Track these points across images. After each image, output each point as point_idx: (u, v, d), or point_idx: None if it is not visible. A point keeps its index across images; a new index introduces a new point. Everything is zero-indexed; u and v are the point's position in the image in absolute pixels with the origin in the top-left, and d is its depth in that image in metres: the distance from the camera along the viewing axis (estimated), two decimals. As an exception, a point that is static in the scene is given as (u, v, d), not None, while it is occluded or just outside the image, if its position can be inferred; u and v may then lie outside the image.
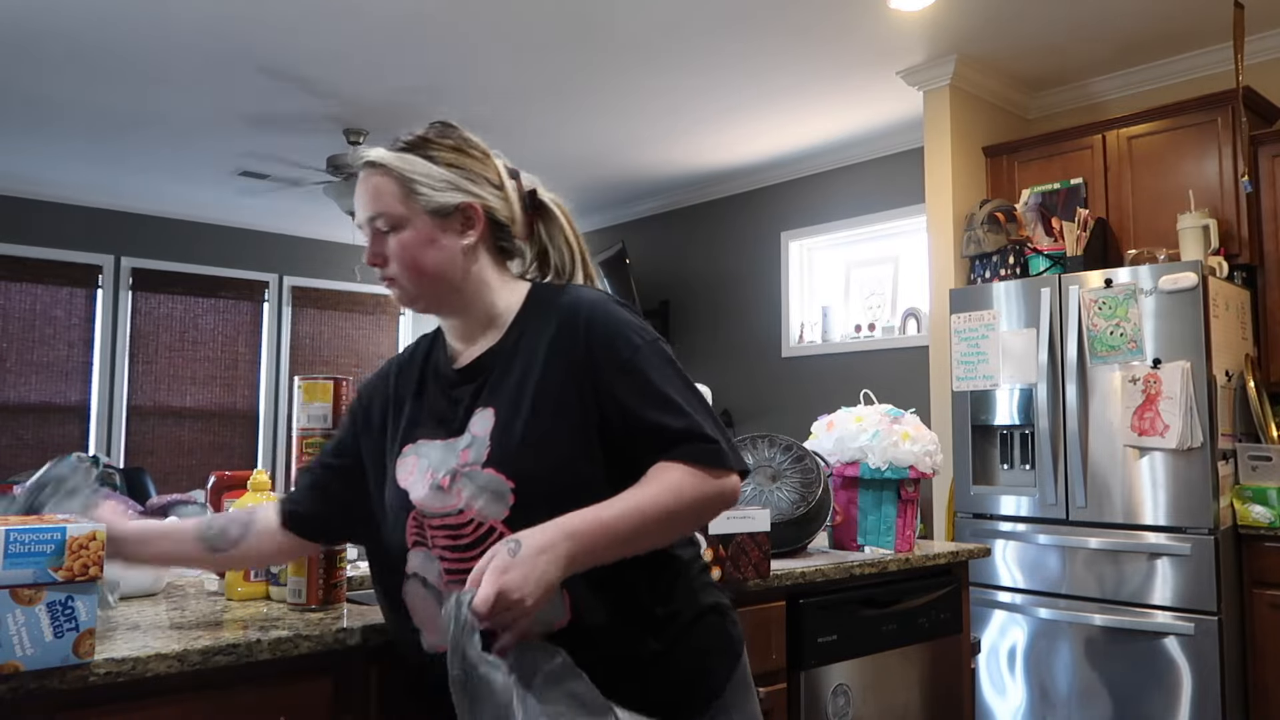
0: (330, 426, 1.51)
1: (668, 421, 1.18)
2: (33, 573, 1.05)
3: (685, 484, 1.16)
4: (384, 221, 1.25)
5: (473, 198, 1.26)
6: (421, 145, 1.27)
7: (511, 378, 1.22)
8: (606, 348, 1.20)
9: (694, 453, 1.17)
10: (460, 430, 1.22)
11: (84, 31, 3.80)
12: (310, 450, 1.50)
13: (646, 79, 4.29)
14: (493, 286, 1.29)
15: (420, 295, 1.28)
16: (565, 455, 1.17)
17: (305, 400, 1.52)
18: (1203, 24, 3.67)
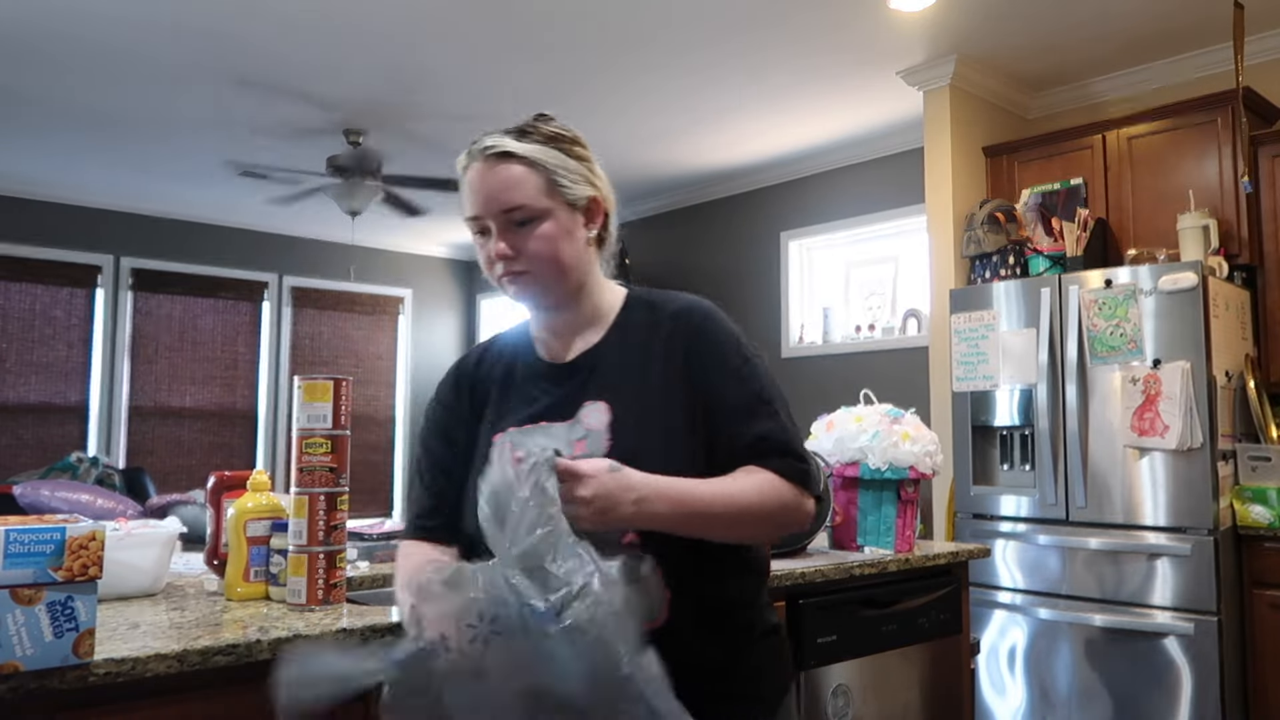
0: (330, 426, 1.50)
1: (769, 432, 1.22)
2: (33, 573, 1.05)
3: (776, 491, 1.20)
4: (523, 213, 1.23)
5: (598, 191, 1.29)
6: (558, 138, 1.28)
7: (623, 374, 1.26)
8: (719, 353, 1.26)
9: (786, 468, 1.22)
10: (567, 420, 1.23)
11: (84, 32, 3.80)
12: (310, 450, 1.49)
13: (646, 79, 4.29)
14: (599, 281, 1.33)
15: (551, 288, 1.27)
16: (678, 451, 1.21)
17: (305, 400, 1.51)
18: (1203, 24, 3.67)
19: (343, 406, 1.52)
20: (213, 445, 6.87)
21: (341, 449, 1.51)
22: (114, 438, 6.46)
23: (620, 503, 1.11)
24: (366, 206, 5.29)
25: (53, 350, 6.31)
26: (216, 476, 1.71)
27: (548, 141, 1.26)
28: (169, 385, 6.73)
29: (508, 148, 1.24)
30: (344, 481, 1.52)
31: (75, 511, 2.40)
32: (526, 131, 1.27)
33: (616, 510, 1.11)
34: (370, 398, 7.58)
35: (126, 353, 6.57)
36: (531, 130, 1.27)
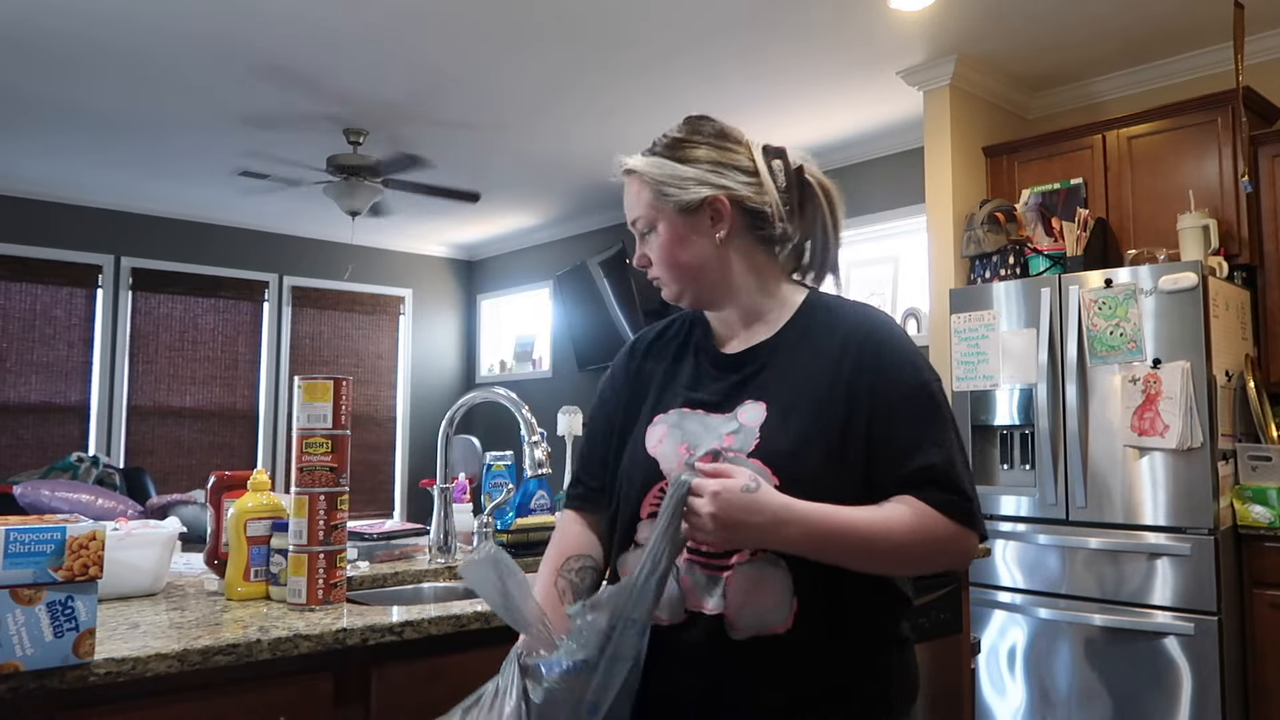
0: (330, 426, 1.50)
1: (935, 462, 1.16)
2: (33, 573, 1.05)
3: (930, 528, 1.14)
4: (641, 224, 1.29)
5: (718, 190, 1.25)
6: (670, 145, 1.29)
7: (787, 376, 1.22)
8: (896, 371, 1.20)
9: (948, 503, 1.15)
10: (723, 413, 1.21)
11: (84, 32, 3.80)
12: (311, 450, 1.49)
13: (647, 79, 4.29)
14: (752, 279, 1.28)
15: (684, 290, 1.29)
16: (830, 463, 1.16)
17: (306, 400, 1.51)
18: (1203, 24, 3.67)
19: (343, 406, 1.52)
20: (213, 445, 6.87)
21: (342, 449, 1.51)
22: (114, 438, 6.46)
23: (745, 523, 1.08)
24: (366, 207, 5.29)
25: (53, 350, 6.31)
26: (217, 476, 1.71)
27: (664, 150, 1.29)
28: (169, 385, 6.73)
29: (628, 164, 1.31)
30: (344, 481, 1.52)
31: (75, 511, 2.40)
32: (655, 143, 1.31)
33: (740, 530, 1.09)
34: (370, 398, 7.58)
35: (126, 353, 6.57)
36: (658, 141, 1.31)
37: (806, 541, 1.11)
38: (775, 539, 1.10)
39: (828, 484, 1.14)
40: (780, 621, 1.14)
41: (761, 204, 1.26)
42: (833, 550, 1.12)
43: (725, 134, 1.29)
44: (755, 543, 1.11)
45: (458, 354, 8.16)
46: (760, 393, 1.21)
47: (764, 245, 1.29)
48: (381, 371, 7.69)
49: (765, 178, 1.26)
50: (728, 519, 1.07)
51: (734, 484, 1.08)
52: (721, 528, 1.08)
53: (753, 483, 1.09)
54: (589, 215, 6.76)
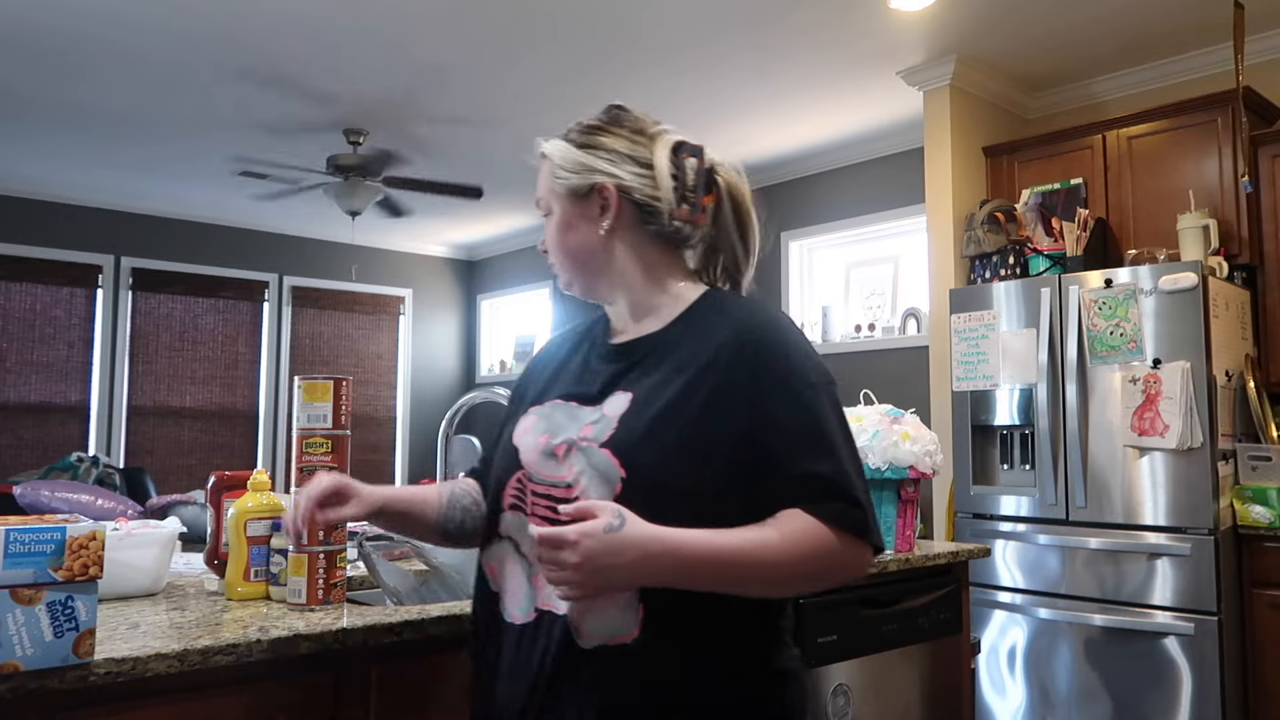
0: (331, 426, 1.50)
1: (822, 471, 1.08)
2: (33, 572, 1.05)
3: (818, 544, 1.06)
4: (541, 206, 1.29)
5: (607, 178, 1.22)
6: (578, 131, 1.27)
7: (660, 370, 1.17)
8: (780, 375, 1.12)
9: (838, 515, 1.07)
10: (593, 404, 1.18)
11: (84, 32, 3.80)
12: (310, 450, 1.49)
13: (646, 79, 4.29)
14: (638, 273, 1.25)
15: (571, 278, 1.29)
16: (685, 463, 1.09)
17: (306, 400, 1.51)
18: (1203, 24, 3.67)
19: (343, 406, 1.51)
20: (213, 445, 6.87)
21: (342, 449, 1.51)
22: (114, 438, 6.46)
23: (614, 566, 1.01)
24: (366, 206, 5.29)
25: (53, 350, 6.31)
26: (217, 476, 1.71)
27: (571, 136, 1.27)
28: (169, 385, 6.73)
29: (542, 148, 1.29)
30: None
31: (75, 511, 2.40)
32: (569, 129, 1.29)
33: (610, 574, 1.01)
34: (370, 398, 7.58)
35: (126, 353, 6.57)
36: (571, 128, 1.29)
37: (681, 571, 1.04)
38: (647, 574, 1.03)
39: (677, 479, 1.09)
40: (627, 630, 1.08)
41: (651, 197, 1.22)
42: (712, 579, 1.06)
43: (635, 125, 1.26)
44: (627, 583, 1.04)
45: (458, 354, 8.16)
46: (630, 385, 1.17)
47: (657, 240, 1.25)
48: (381, 371, 7.69)
49: (662, 173, 1.22)
50: (596, 565, 1.00)
51: (596, 525, 1.01)
52: (590, 575, 1.01)
53: (616, 519, 1.02)
54: (589, 215, 6.76)
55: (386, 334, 7.76)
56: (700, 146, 1.26)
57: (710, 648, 1.10)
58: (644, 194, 1.22)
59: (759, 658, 1.13)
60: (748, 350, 1.14)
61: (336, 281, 7.51)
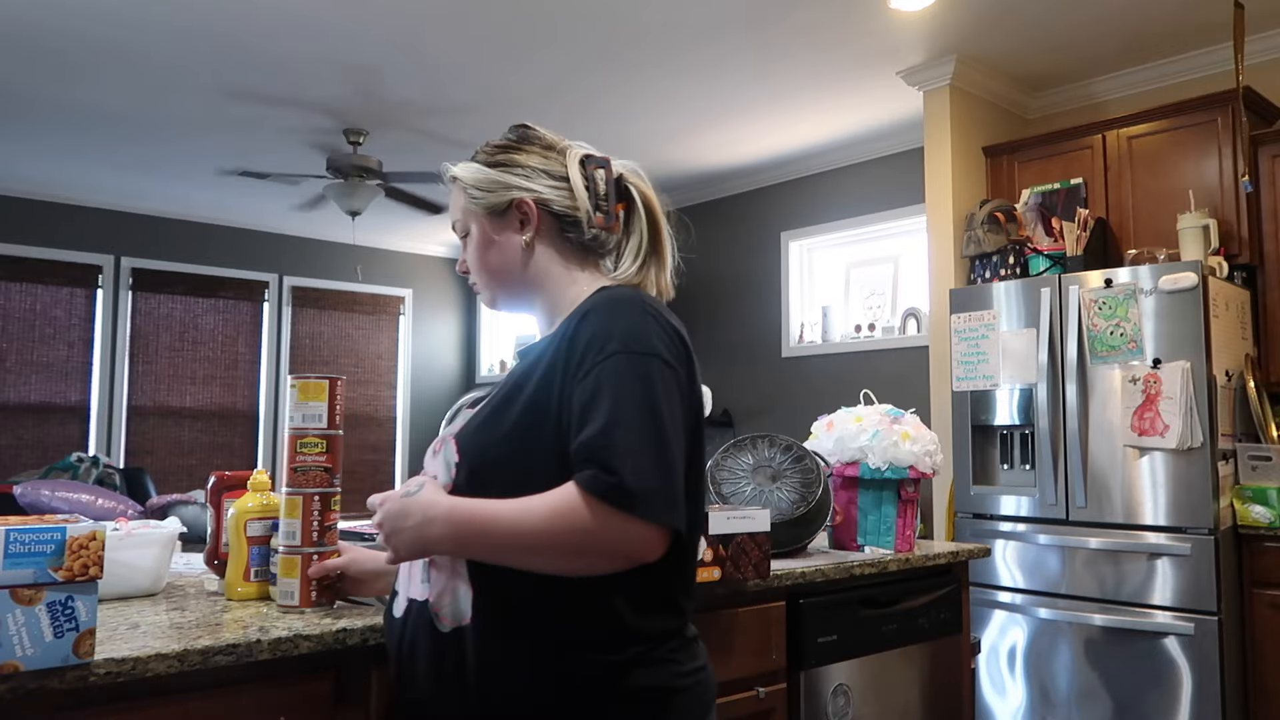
0: (326, 426, 1.49)
1: (585, 437, 1.05)
2: (33, 573, 1.05)
3: (568, 513, 1.03)
4: (459, 229, 1.32)
5: (523, 192, 1.26)
6: (486, 152, 1.31)
7: (520, 368, 1.21)
8: (582, 348, 1.11)
9: (590, 482, 1.02)
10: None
11: (85, 31, 3.80)
12: (304, 450, 1.47)
13: (647, 79, 4.29)
14: (559, 282, 1.27)
15: (494, 295, 1.32)
16: (512, 446, 1.13)
17: (300, 399, 1.49)
18: (1203, 24, 3.67)
19: (337, 406, 1.50)
20: (213, 445, 6.87)
21: (336, 448, 1.50)
22: (114, 438, 6.46)
23: (401, 529, 1.13)
24: (366, 206, 5.29)
25: (53, 350, 6.31)
26: (217, 476, 1.71)
27: (481, 157, 1.31)
28: (169, 385, 6.73)
29: (451, 172, 1.32)
30: (338, 482, 1.50)
31: (75, 511, 2.40)
32: (476, 151, 1.33)
33: (399, 536, 1.14)
34: (370, 398, 7.58)
35: (126, 353, 6.57)
36: (478, 149, 1.33)
37: (454, 539, 1.10)
38: (426, 540, 1.12)
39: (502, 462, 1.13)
40: (467, 613, 1.13)
41: (570, 208, 1.26)
42: (482, 547, 1.09)
43: (543, 141, 1.30)
44: (415, 547, 1.13)
45: (458, 354, 8.16)
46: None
47: (577, 249, 1.28)
48: (381, 371, 7.69)
49: (576, 184, 1.26)
50: (390, 528, 1.14)
51: (395, 492, 1.15)
52: (387, 537, 1.14)
53: (415, 487, 1.13)
54: (589, 215, 6.76)
55: (386, 334, 7.76)
56: (607, 158, 1.30)
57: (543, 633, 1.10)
58: (562, 205, 1.26)
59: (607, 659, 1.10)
60: (571, 328, 1.15)
61: (336, 281, 7.51)
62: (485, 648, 1.11)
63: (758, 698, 1.82)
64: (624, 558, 1.06)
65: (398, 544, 1.14)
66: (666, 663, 1.13)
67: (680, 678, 1.14)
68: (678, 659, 1.15)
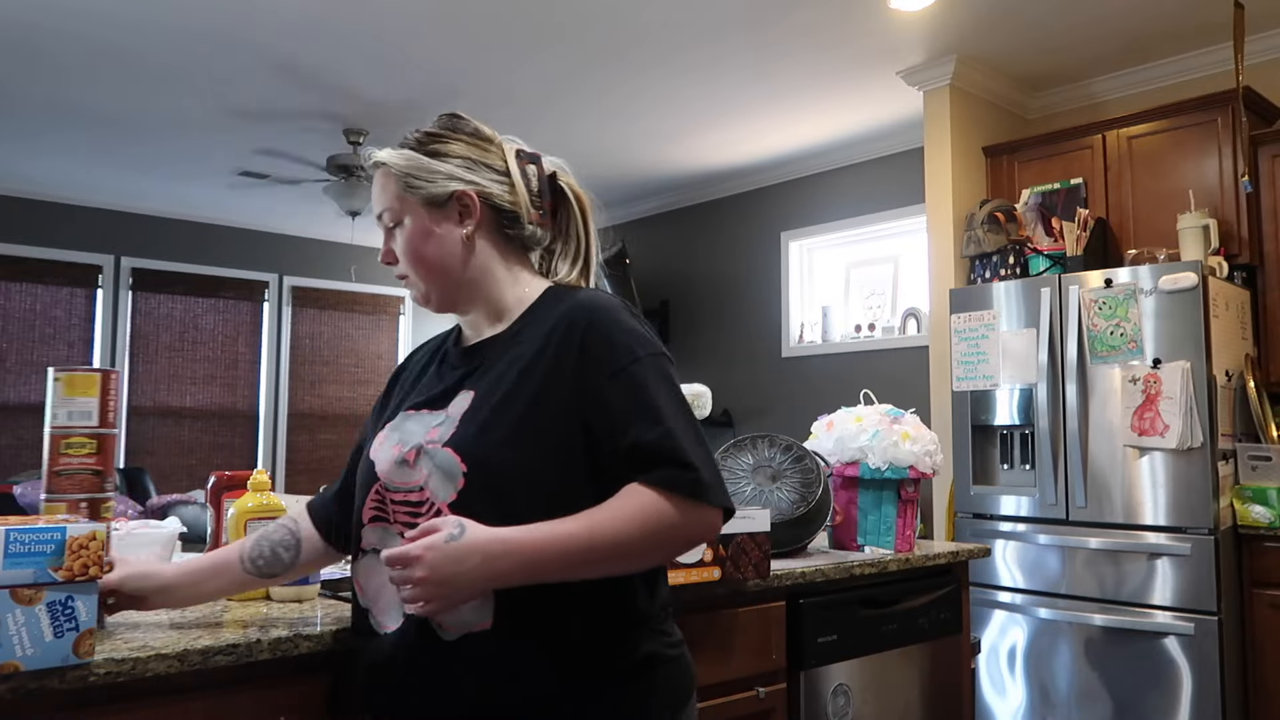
0: (97, 424, 1.35)
1: (648, 438, 1.10)
2: (33, 573, 1.05)
3: (651, 512, 1.08)
4: (388, 217, 1.26)
5: (467, 185, 1.23)
6: (422, 140, 1.26)
7: (499, 365, 1.19)
8: (602, 352, 1.14)
9: (669, 478, 1.09)
10: (440, 409, 1.20)
11: (84, 31, 3.80)
12: (69, 451, 1.34)
13: (646, 79, 4.29)
14: (499, 278, 1.26)
15: (430, 290, 1.26)
16: (522, 451, 1.12)
17: (65, 395, 1.33)
18: (1203, 24, 3.67)
19: (110, 403, 1.36)
20: (213, 445, 6.87)
21: (108, 449, 1.36)
22: (114, 438, 6.45)
23: (459, 573, 1.04)
24: (366, 206, 5.29)
25: (53, 350, 6.31)
26: (217, 476, 1.71)
27: (415, 144, 1.26)
28: (169, 385, 6.73)
29: (377, 156, 1.27)
30: (110, 486, 1.36)
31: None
32: (407, 137, 1.28)
33: (457, 582, 1.04)
34: (370, 398, 7.58)
35: (126, 353, 6.57)
36: (409, 136, 1.28)
37: (526, 569, 1.06)
38: (493, 577, 1.06)
39: (516, 468, 1.11)
40: (484, 619, 1.11)
41: (512, 203, 1.25)
42: (559, 568, 1.07)
43: (479, 133, 1.27)
44: (475, 589, 1.06)
45: (458, 354, 8.16)
46: (473, 384, 1.20)
47: (513, 245, 1.27)
48: (381, 371, 7.69)
49: (517, 178, 1.25)
50: (441, 577, 1.04)
51: (438, 538, 1.05)
52: (438, 586, 1.04)
53: (456, 529, 1.05)
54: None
55: (386, 334, 7.76)
56: (538, 154, 1.30)
57: (563, 630, 1.12)
58: (503, 199, 1.24)
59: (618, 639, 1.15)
60: (574, 333, 1.16)
61: (336, 281, 7.51)
62: (505, 651, 1.10)
63: (758, 698, 1.82)
64: (696, 544, 1.15)
65: (455, 589, 1.05)
66: (659, 634, 1.20)
67: (669, 647, 1.20)
68: (666, 629, 1.22)
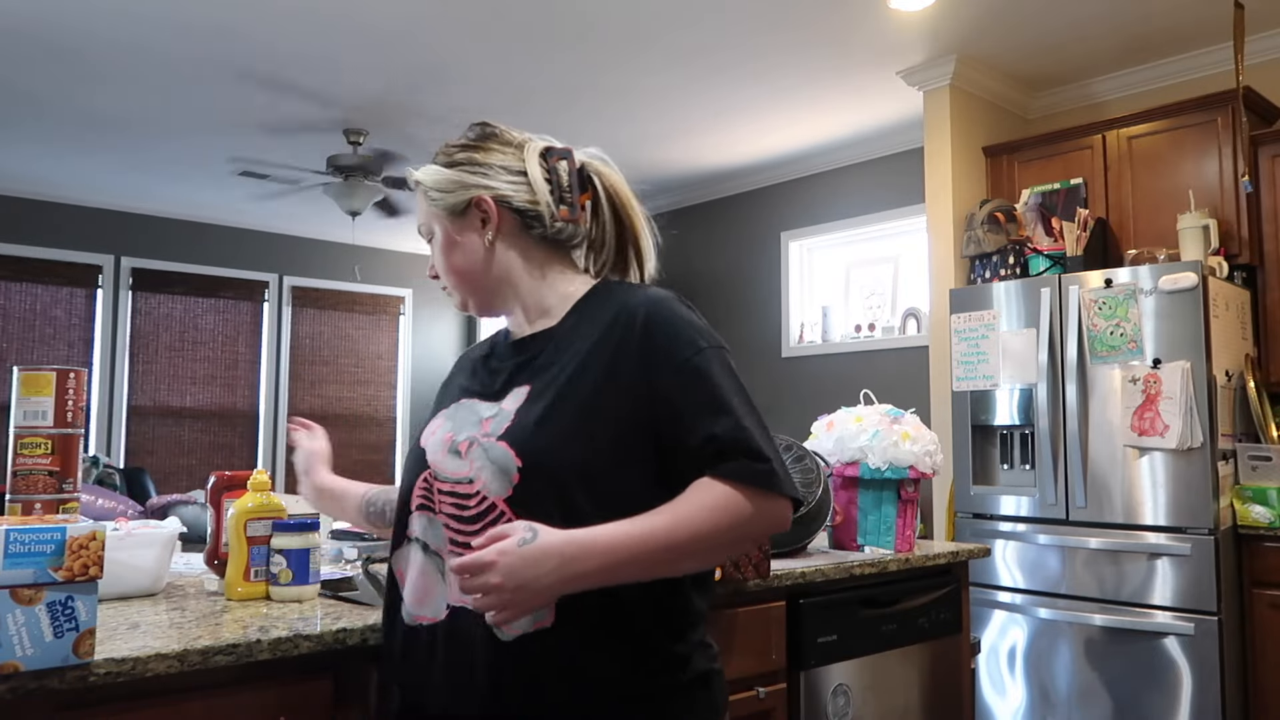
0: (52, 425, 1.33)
1: (719, 431, 1.09)
2: (33, 573, 1.05)
3: (727, 506, 1.08)
4: (424, 231, 1.30)
5: (481, 190, 1.23)
6: (445, 153, 1.28)
7: (555, 360, 1.18)
8: (665, 346, 1.13)
9: (742, 471, 1.08)
10: (494, 400, 1.20)
11: (84, 31, 3.80)
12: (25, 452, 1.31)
13: (646, 79, 4.29)
14: (533, 277, 1.26)
15: (465, 297, 1.29)
16: (581, 446, 1.10)
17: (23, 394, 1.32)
18: (1203, 24, 3.67)
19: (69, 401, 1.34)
20: (213, 445, 6.87)
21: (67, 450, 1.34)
22: (114, 438, 6.46)
23: (537, 578, 1.02)
24: (366, 206, 5.29)
25: (53, 350, 6.31)
26: (217, 476, 1.71)
27: (439, 158, 1.29)
28: (169, 385, 6.73)
29: (414, 176, 1.30)
30: (69, 488, 1.34)
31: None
32: (436, 153, 1.30)
33: (533, 587, 1.02)
34: (370, 398, 7.59)
35: (126, 353, 6.57)
36: (438, 151, 1.30)
37: (606, 570, 1.05)
38: (570, 578, 1.03)
39: (574, 462, 1.10)
40: (544, 617, 1.09)
41: (530, 202, 1.24)
42: (636, 567, 1.06)
43: (500, 137, 1.28)
44: (552, 594, 1.04)
45: (457, 354, 8.14)
46: (528, 377, 1.19)
47: (542, 244, 1.27)
48: (381, 371, 7.69)
49: (535, 178, 1.24)
50: (517, 583, 1.02)
51: (510, 543, 1.03)
52: (514, 592, 1.02)
53: (528, 533, 1.04)
54: (589, 215, 6.76)
55: (386, 334, 7.76)
56: (569, 149, 1.28)
57: (625, 628, 1.11)
58: (522, 200, 1.24)
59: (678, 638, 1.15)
60: (634, 327, 1.15)
61: (336, 281, 7.51)
62: (566, 651, 1.09)
63: (758, 697, 1.82)
64: (768, 535, 1.15)
65: (532, 594, 1.03)
66: (706, 645, 1.20)
67: (714, 660, 1.21)
68: (710, 642, 1.22)
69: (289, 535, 1.54)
